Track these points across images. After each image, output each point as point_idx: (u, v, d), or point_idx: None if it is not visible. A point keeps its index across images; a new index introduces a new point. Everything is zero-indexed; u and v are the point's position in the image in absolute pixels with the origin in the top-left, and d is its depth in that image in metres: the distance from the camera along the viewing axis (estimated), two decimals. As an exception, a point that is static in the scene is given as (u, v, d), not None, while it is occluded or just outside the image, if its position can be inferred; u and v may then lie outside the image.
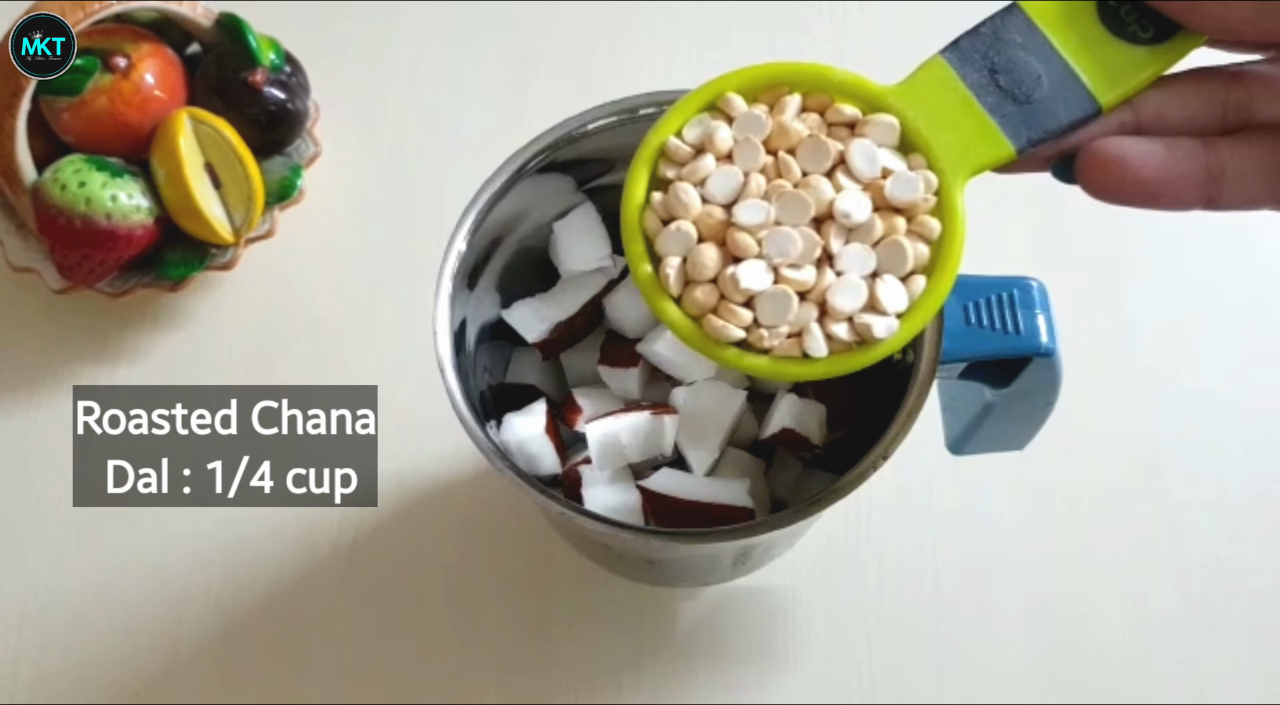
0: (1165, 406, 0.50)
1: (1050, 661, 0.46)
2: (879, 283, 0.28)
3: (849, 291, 0.28)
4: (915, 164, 0.28)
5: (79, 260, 0.48)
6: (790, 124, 0.28)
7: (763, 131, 0.28)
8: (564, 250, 0.41)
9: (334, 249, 0.54)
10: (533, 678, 0.45)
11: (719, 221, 0.28)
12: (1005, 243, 0.53)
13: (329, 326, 0.52)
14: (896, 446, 0.33)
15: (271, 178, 0.51)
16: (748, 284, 0.27)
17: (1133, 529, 0.48)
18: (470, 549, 0.47)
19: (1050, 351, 0.35)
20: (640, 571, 0.44)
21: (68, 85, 0.48)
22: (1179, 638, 0.46)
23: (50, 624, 0.46)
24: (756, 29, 0.59)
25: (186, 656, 0.46)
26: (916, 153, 0.29)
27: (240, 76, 0.50)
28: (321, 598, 0.47)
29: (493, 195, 0.36)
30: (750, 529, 0.34)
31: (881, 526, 0.48)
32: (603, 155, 0.39)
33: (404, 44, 0.58)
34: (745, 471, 0.39)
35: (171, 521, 0.48)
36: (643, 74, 0.57)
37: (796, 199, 0.28)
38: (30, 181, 0.48)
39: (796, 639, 0.46)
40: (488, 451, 0.34)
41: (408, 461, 0.49)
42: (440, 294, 0.35)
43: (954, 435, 0.43)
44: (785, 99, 0.29)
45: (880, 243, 0.28)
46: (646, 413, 0.39)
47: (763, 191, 0.28)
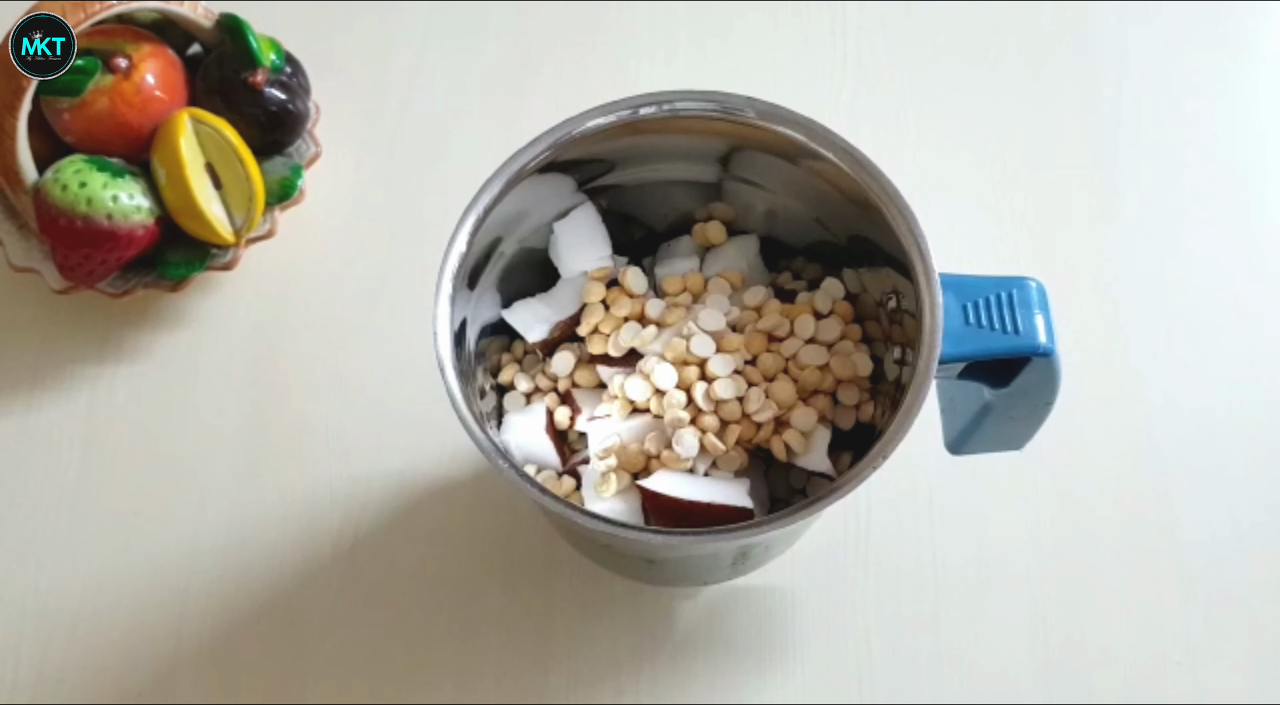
0: (1164, 406, 0.50)
1: (1049, 661, 0.46)
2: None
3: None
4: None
5: (80, 260, 0.48)
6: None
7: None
8: (564, 250, 0.41)
9: (334, 249, 0.54)
10: (532, 677, 0.46)
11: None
12: (1005, 243, 0.54)
13: (329, 326, 0.52)
14: (895, 446, 0.33)
15: (272, 178, 0.51)
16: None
17: (1132, 529, 0.48)
18: (470, 549, 0.48)
19: (1049, 351, 0.35)
20: (640, 571, 0.44)
21: (68, 86, 0.48)
22: (1179, 638, 0.46)
23: (51, 624, 0.46)
24: (756, 29, 0.59)
25: (187, 656, 0.46)
26: None
27: (241, 77, 0.50)
28: (321, 598, 0.47)
29: (493, 195, 0.36)
30: (750, 529, 0.34)
31: (881, 526, 0.48)
32: (603, 155, 0.39)
33: (404, 44, 0.58)
34: (745, 471, 0.39)
35: (172, 521, 0.48)
36: (643, 74, 0.57)
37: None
38: (31, 182, 0.48)
39: (796, 638, 0.46)
40: (488, 451, 0.34)
41: (408, 461, 0.49)
42: (440, 294, 0.35)
43: (953, 435, 0.43)
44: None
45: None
46: (647, 414, 0.39)
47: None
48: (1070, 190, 0.55)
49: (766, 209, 0.42)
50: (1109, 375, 0.51)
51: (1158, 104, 0.57)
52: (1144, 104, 0.57)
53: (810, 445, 0.38)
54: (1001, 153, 0.56)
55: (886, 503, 0.48)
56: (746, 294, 0.41)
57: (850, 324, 0.40)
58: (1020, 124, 0.56)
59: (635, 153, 0.40)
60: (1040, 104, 0.57)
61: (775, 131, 0.37)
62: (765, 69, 0.58)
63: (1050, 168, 0.55)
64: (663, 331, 0.40)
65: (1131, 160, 0.56)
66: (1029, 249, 0.53)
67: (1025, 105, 0.57)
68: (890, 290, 0.38)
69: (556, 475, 0.40)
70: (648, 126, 0.38)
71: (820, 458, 0.38)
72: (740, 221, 0.43)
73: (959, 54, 0.58)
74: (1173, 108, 0.57)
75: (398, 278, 0.53)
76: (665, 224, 0.44)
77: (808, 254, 0.43)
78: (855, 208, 0.38)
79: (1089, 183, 0.55)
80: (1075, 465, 0.49)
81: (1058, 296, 0.36)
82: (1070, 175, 0.55)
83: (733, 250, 0.43)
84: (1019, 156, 0.56)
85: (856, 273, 0.41)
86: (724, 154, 0.40)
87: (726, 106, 0.37)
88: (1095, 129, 0.56)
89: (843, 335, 0.40)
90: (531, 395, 0.42)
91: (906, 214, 0.36)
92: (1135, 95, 0.57)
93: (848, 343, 0.40)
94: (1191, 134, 0.57)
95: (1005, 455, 0.43)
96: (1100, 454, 0.49)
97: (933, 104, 0.57)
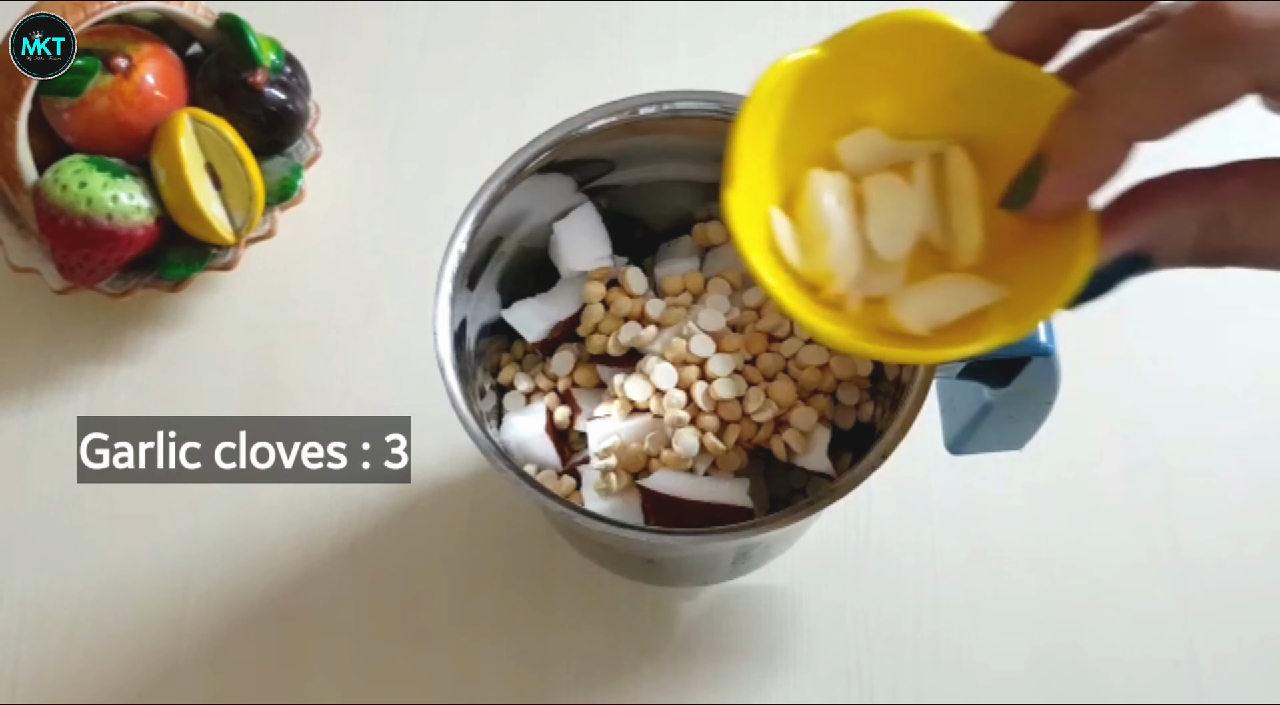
0: (1164, 406, 0.50)
1: (1050, 661, 0.46)
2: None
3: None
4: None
5: (80, 260, 0.48)
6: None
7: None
8: (564, 250, 0.41)
9: (334, 249, 0.54)
10: (533, 677, 0.46)
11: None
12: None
13: (329, 327, 0.52)
14: (895, 446, 0.33)
15: (272, 178, 0.51)
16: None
17: (1132, 529, 0.48)
18: (470, 549, 0.48)
19: (1049, 351, 0.35)
20: (640, 571, 0.44)
21: (68, 86, 0.48)
22: (1179, 638, 0.46)
23: (51, 624, 0.46)
24: (756, 29, 0.59)
25: (187, 656, 0.46)
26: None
27: (241, 77, 0.50)
28: (321, 598, 0.47)
29: (493, 195, 0.36)
30: (750, 529, 0.34)
31: (881, 526, 0.48)
32: (603, 155, 0.39)
33: (404, 44, 0.58)
34: (745, 471, 0.39)
35: (172, 521, 0.48)
36: (643, 74, 0.57)
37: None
38: (31, 182, 0.48)
39: (796, 638, 0.46)
40: (488, 451, 0.34)
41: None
42: (440, 294, 0.35)
43: (953, 435, 0.43)
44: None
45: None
46: (647, 414, 0.39)
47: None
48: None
49: (766, 209, 0.42)
50: (1110, 375, 0.51)
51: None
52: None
53: (810, 445, 0.38)
54: (1001, 153, 0.56)
55: (886, 503, 0.48)
56: (746, 294, 0.41)
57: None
58: (1020, 124, 0.56)
59: (635, 153, 0.40)
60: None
61: (775, 131, 0.37)
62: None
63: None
64: (663, 331, 0.40)
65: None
66: (1029, 249, 0.53)
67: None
68: (890, 290, 0.38)
69: (556, 475, 0.40)
70: (648, 126, 0.38)
71: (820, 458, 0.38)
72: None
73: (959, 54, 0.58)
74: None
75: (398, 278, 0.53)
76: (665, 224, 0.44)
77: (808, 254, 0.43)
78: (855, 207, 0.37)
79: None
80: (1075, 465, 0.49)
81: (1058, 296, 0.36)
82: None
83: (733, 250, 0.43)
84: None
85: (856, 272, 0.41)
86: (724, 153, 0.40)
87: (726, 106, 0.37)
88: (1095, 129, 0.56)
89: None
90: (531, 395, 0.42)
91: (906, 214, 0.35)
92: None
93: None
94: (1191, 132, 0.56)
95: (1005, 455, 0.43)
96: (1101, 454, 0.49)
97: (933, 104, 0.57)
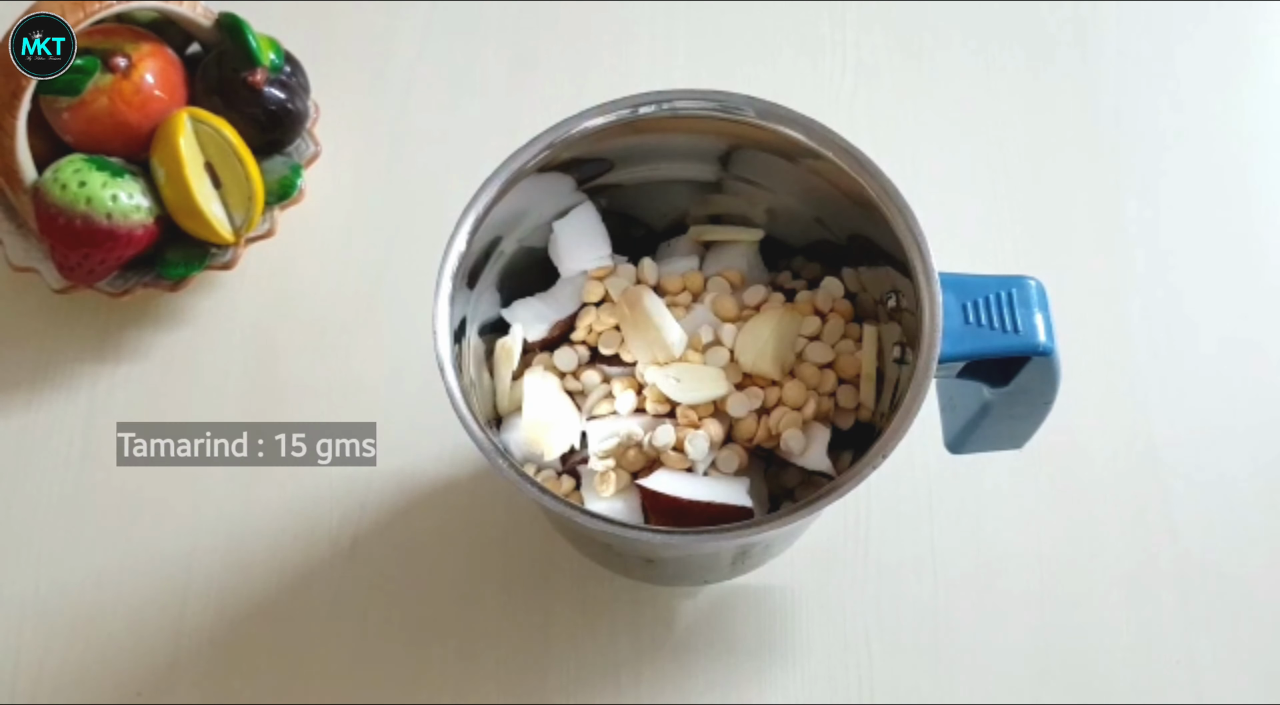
0: (1163, 405, 0.50)
1: (1049, 660, 0.46)
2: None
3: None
4: None
5: (79, 260, 0.48)
6: None
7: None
8: (564, 250, 0.41)
9: (334, 249, 0.54)
10: (532, 676, 0.45)
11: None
12: (1005, 243, 0.54)
13: (329, 326, 0.52)
14: (895, 446, 0.33)
15: (271, 177, 0.51)
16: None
17: (1132, 528, 0.48)
18: (470, 549, 0.48)
19: (1049, 350, 0.35)
20: (639, 570, 0.44)
21: (68, 85, 0.48)
22: (1179, 638, 0.46)
23: (51, 624, 0.46)
24: (756, 29, 0.59)
25: (187, 656, 0.46)
26: None
27: (240, 76, 0.50)
28: (321, 597, 0.47)
29: (493, 195, 0.36)
30: (750, 528, 0.34)
31: (881, 525, 0.48)
32: (602, 154, 0.39)
33: (404, 44, 0.58)
34: (745, 471, 0.39)
35: (172, 521, 0.48)
36: (643, 74, 0.57)
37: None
38: (30, 181, 0.48)
39: (795, 637, 0.46)
40: (488, 451, 0.34)
41: (408, 461, 0.49)
42: (440, 293, 0.35)
43: (953, 434, 0.43)
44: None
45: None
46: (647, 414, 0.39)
47: None
48: (1070, 189, 0.55)
49: (766, 208, 0.42)
50: (1109, 375, 0.51)
51: (1158, 104, 0.57)
52: (1144, 104, 0.57)
53: (810, 445, 0.38)
54: (1001, 152, 0.56)
55: (886, 502, 0.48)
56: (746, 293, 0.41)
57: (850, 323, 0.40)
58: (1020, 123, 0.56)
59: (635, 152, 0.40)
60: (1040, 104, 0.57)
61: (775, 131, 0.37)
62: (765, 68, 0.58)
63: (1050, 167, 0.55)
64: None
65: (1131, 159, 0.56)
66: (1029, 248, 0.53)
67: (1025, 105, 0.57)
68: (890, 289, 0.38)
69: (556, 475, 0.40)
70: (647, 126, 0.38)
71: (820, 457, 0.38)
72: (740, 221, 0.43)
73: (959, 53, 0.58)
74: (1173, 107, 0.57)
75: (397, 277, 0.53)
76: (665, 223, 0.44)
77: (807, 253, 0.43)
78: (855, 207, 0.38)
79: (1089, 182, 0.55)
80: (1075, 465, 0.49)
81: (1057, 296, 0.36)
82: (1070, 174, 0.55)
83: (732, 250, 0.43)
84: (1019, 156, 0.56)
85: (856, 272, 0.41)
86: (723, 153, 0.40)
87: (726, 105, 0.37)
88: (1095, 128, 0.56)
89: (843, 334, 0.40)
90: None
91: (906, 213, 0.36)
92: (1135, 95, 0.57)
93: (848, 342, 0.40)
94: (1192, 133, 0.57)
95: (1005, 455, 0.43)
96: (1100, 454, 0.49)
97: (933, 103, 0.57)
